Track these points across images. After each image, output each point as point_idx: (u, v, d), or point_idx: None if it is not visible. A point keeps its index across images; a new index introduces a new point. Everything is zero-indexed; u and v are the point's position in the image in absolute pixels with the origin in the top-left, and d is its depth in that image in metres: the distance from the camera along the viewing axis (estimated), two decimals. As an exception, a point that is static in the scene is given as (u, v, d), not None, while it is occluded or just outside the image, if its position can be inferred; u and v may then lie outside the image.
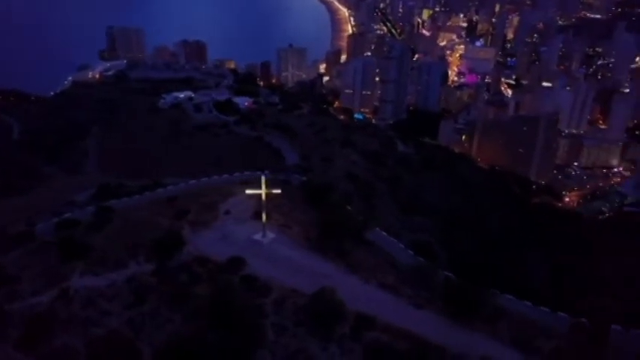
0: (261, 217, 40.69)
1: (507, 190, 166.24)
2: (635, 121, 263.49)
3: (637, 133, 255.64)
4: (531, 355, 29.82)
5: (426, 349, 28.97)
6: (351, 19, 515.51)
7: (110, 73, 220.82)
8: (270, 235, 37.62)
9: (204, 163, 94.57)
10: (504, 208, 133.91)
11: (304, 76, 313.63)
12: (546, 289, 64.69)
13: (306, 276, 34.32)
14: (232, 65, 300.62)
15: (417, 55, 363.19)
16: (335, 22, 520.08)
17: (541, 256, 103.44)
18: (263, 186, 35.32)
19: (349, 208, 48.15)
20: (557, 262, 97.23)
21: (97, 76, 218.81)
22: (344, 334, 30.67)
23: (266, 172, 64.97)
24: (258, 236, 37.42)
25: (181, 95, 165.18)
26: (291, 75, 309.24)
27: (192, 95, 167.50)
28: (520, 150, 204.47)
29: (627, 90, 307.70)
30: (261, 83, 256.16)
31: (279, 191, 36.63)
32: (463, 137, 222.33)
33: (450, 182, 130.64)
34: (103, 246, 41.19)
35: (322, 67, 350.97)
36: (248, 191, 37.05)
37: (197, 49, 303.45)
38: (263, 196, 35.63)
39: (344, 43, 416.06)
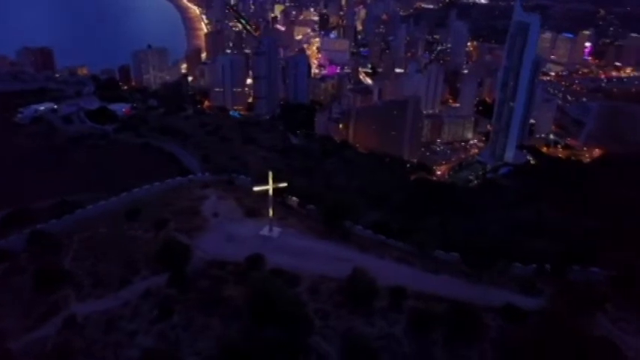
0: (254, 215, 40.58)
1: (389, 169, 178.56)
2: (478, 99, 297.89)
3: (480, 108, 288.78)
4: (540, 297, 34.33)
5: (460, 307, 31.83)
6: (203, 16, 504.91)
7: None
8: (277, 229, 37.67)
9: (97, 177, 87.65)
10: (395, 185, 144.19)
11: (167, 77, 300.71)
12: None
13: (327, 261, 35.29)
14: (85, 71, 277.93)
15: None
16: (187, 20, 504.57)
17: (439, 221, 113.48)
18: (270, 181, 35.25)
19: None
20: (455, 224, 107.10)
21: None
22: (383, 307, 32.42)
23: (206, 173, 63.65)
24: (265, 232, 37.25)
25: (42, 107, 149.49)
26: (154, 77, 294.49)
27: (56, 107, 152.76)
28: (392, 132, 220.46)
29: (466, 71, 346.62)
30: (125, 88, 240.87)
31: (285, 184, 36.71)
32: (340, 126, 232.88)
33: (344, 167, 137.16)
34: (83, 269, 38.01)
35: (183, 67, 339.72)
36: (256, 188, 36.52)
37: (43, 57, 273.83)
38: (270, 192, 35.55)
39: (201, 42, 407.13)
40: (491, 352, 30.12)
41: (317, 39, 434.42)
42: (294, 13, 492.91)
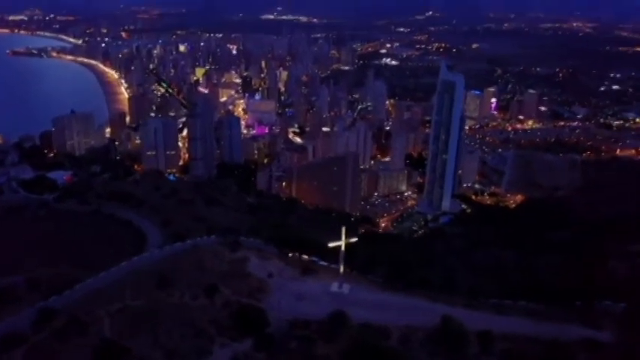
0: (311, 273, 39.97)
1: (338, 223, 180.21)
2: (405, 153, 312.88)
3: (407, 162, 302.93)
4: (603, 331, 36.30)
5: (551, 346, 33.00)
6: (122, 81, 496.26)
7: None
8: (347, 285, 37.29)
9: (51, 250, 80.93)
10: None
11: (93, 142, 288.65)
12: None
13: (404, 312, 35.41)
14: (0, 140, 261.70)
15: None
16: (105, 84, 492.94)
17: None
18: (343, 237, 35.25)
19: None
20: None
21: None
22: (475, 352, 32.86)
23: (213, 236, 61.62)
24: (335, 288, 36.71)
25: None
26: (78, 142, 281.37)
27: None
28: (334, 188, 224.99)
29: (388, 128, 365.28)
30: (51, 155, 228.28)
31: (355, 239, 36.74)
32: (284, 184, 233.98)
33: (306, 223, 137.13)
34: (141, 343, 35.07)
35: (107, 132, 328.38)
36: (331, 244, 36.19)
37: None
38: (343, 247, 35.46)
39: (123, 106, 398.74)
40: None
41: (241, 100, 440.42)
42: (215, 76, 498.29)
